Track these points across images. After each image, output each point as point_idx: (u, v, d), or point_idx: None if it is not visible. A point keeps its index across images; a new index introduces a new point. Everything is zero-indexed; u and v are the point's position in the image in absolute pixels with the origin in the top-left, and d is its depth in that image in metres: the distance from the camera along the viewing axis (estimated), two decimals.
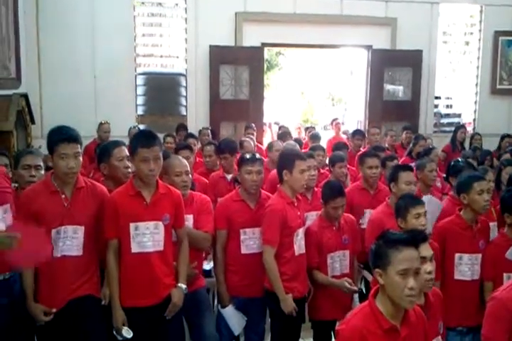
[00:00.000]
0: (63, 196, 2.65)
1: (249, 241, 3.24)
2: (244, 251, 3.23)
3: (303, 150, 5.33)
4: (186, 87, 7.68)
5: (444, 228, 3.19)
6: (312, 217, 3.56)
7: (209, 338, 2.98)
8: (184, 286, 2.79)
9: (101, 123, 6.50)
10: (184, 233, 2.90)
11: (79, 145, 2.64)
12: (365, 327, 1.89)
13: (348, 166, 4.76)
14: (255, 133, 6.93)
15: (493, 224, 3.70)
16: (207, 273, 3.46)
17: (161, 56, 7.72)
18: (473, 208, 3.15)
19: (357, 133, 6.61)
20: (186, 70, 7.66)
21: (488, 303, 2.31)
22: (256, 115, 7.74)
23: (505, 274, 2.97)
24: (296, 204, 3.19)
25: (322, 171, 4.72)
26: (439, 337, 2.34)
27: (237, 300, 3.25)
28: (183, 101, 7.77)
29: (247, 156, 3.29)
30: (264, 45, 7.80)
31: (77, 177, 2.69)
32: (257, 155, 3.35)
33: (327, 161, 4.90)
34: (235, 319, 3.23)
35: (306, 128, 7.75)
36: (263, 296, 3.19)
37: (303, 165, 3.16)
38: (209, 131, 6.48)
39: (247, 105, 7.69)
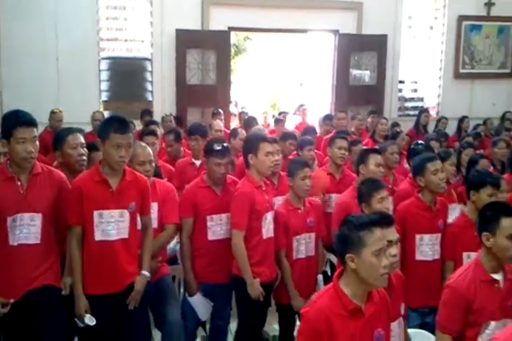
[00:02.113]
0: (19, 183, 2.58)
1: (216, 227, 3.24)
2: (211, 237, 3.23)
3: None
4: (152, 72, 7.54)
5: (403, 210, 3.25)
6: (279, 202, 3.57)
7: (173, 325, 2.97)
8: (147, 274, 2.78)
9: (53, 112, 6.26)
10: (149, 220, 2.88)
11: (35, 130, 2.58)
12: (330, 308, 1.91)
13: (316, 151, 4.81)
14: (223, 119, 6.89)
15: (454, 206, 3.83)
16: (173, 260, 3.46)
17: (126, 40, 7.54)
18: (431, 189, 3.22)
19: (327, 117, 6.66)
20: (152, 55, 7.52)
21: (444, 291, 2.36)
22: (223, 100, 7.69)
23: (464, 253, 3.03)
24: (264, 188, 3.19)
25: (290, 157, 4.74)
26: (401, 319, 2.38)
27: (203, 286, 3.26)
28: (148, 86, 7.64)
29: (217, 147, 3.23)
30: (231, 29, 7.72)
31: (34, 163, 2.62)
32: (226, 145, 3.32)
33: None
34: (201, 306, 3.24)
35: (280, 114, 7.72)
36: (230, 282, 3.21)
37: (268, 147, 3.15)
38: (172, 118, 6.35)
39: (215, 90, 7.62)
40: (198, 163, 4.33)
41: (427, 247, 3.20)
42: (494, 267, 2.34)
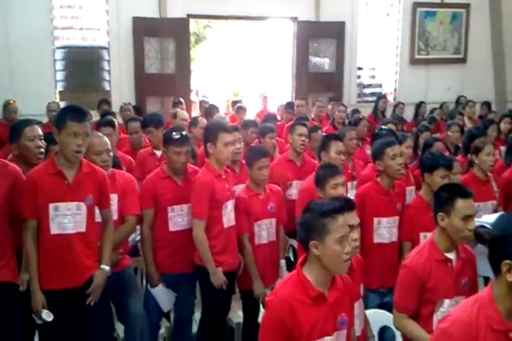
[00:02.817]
0: None
1: (178, 218, 3.22)
2: (172, 228, 3.22)
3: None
4: (109, 61, 7.38)
5: (362, 194, 3.32)
6: (240, 190, 3.61)
7: (136, 317, 2.94)
8: (107, 268, 2.74)
9: (7, 103, 6.06)
10: (109, 214, 2.83)
11: None
12: (293, 296, 1.91)
13: (278, 138, 4.83)
14: (184, 108, 6.83)
15: (410, 189, 3.93)
16: (134, 252, 3.44)
17: (81, 29, 7.35)
18: (389, 173, 3.29)
19: (289, 105, 6.70)
20: (109, 43, 7.34)
21: (400, 271, 2.42)
22: (183, 89, 7.61)
23: (421, 234, 3.12)
24: (224, 176, 3.18)
25: (252, 145, 4.76)
26: (361, 300, 2.44)
27: (166, 277, 3.25)
28: (106, 75, 7.47)
29: (175, 136, 3.20)
30: (189, 16, 7.62)
31: None
32: (185, 134, 3.29)
33: None
34: (164, 297, 3.23)
35: (234, 102, 7.73)
36: (192, 271, 3.20)
37: (227, 137, 3.14)
38: (131, 107, 6.25)
39: (174, 79, 7.52)
40: (159, 153, 4.26)
41: (385, 230, 3.27)
42: (448, 247, 2.40)
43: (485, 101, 7.67)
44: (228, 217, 3.15)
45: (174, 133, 3.23)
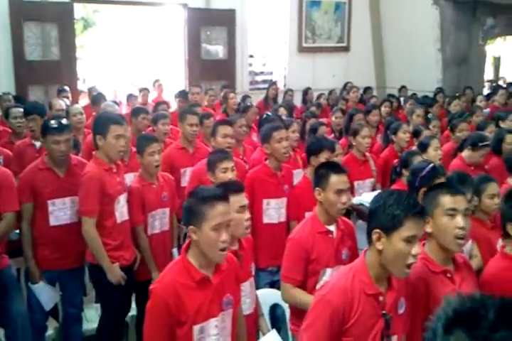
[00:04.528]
0: None
1: (59, 212, 3.08)
2: (53, 222, 3.08)
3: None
4: None
5: (252, 177, 3.43)
6: (130, 179, 3.52)
7: (18, 319, 2.82)
8: None
9: None
10: None
11: None
12: (177, 281, 1.91)
13: (172, 126, 4.79)
14: (70, 97, 6.52)
15: (298, 171, 4.11)
16: (17, 252, 3.25)
17: None
18: (276, 156, 3.42)
19: (181, 94, 6.63)
20: None
21: (286, 245, 2.53)
22: (69, 77, 7.24)
23: (307, 213, 3.19)
24: (115, 170, 3.07)
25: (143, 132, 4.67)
26: (252, 279, 2.50)
27: (49, 274, 3.12)
28: None
29: (53, 124, 3.04)
30: (74, 0, 7.25)
31: None
32: (64, 122, 3.14)
33: None
34: (46, 294, 3.10)
35: (140, 90, 7.49)
36: (78, 267, 3.11)
37: (118, 130, 3.01)
38: (10, 97, 5.85)
39: (58, 66, 7.12)
40: (38, 144, 4.03)
41: (273, 211, 3.41)
42: (328, 220, 2.55)
43: (367, 86, 8.16)
44: (121, 211, 3.06)
45: (52, 121, 3.08)
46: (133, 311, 3.30)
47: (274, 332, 2.43)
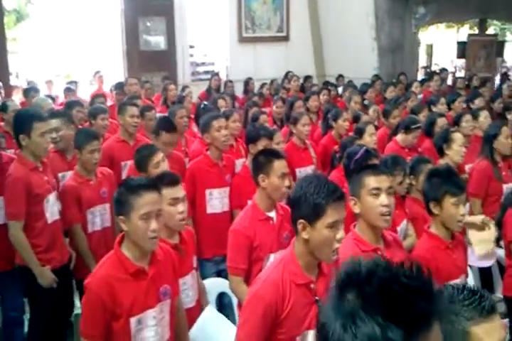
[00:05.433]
0: None
1: None
2: None
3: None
4: None
5: (193, 168, 3.43)
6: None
7: None
8: None
9: None
10: None
11: None
12: (111, 274, 1.90)
13: (111, 120, 4.69)
14: (2, 93, 6.23)
15: (241, 161, 4.15)
16: None
17: None
18: (216, 145, 3.42)
19: (118, 86, 6.49)
20: None
21: (229, 236, 2.55)
22: (0, 72, 6.92)
23: (249, 201, 3.31)
24: (41, 169, 2.96)
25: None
26: (194, 271, 2.51)
27: None
28: None
29: None
30: None
31: None
32: None
33: None
34: None
35: (70, 83, 7.26)
36: (12, 269, 3.01)
37: (43, 127, 2.90)
38: None
39: None
40: None
41: (217, 200, 3.42)
42: (268, 206, 2.59)
43: (307, 75, 8.28)
44: (51, 211, 2.96)
45: None
46: (78, 309, 3.23)
47: (210, 307, 2.47)
